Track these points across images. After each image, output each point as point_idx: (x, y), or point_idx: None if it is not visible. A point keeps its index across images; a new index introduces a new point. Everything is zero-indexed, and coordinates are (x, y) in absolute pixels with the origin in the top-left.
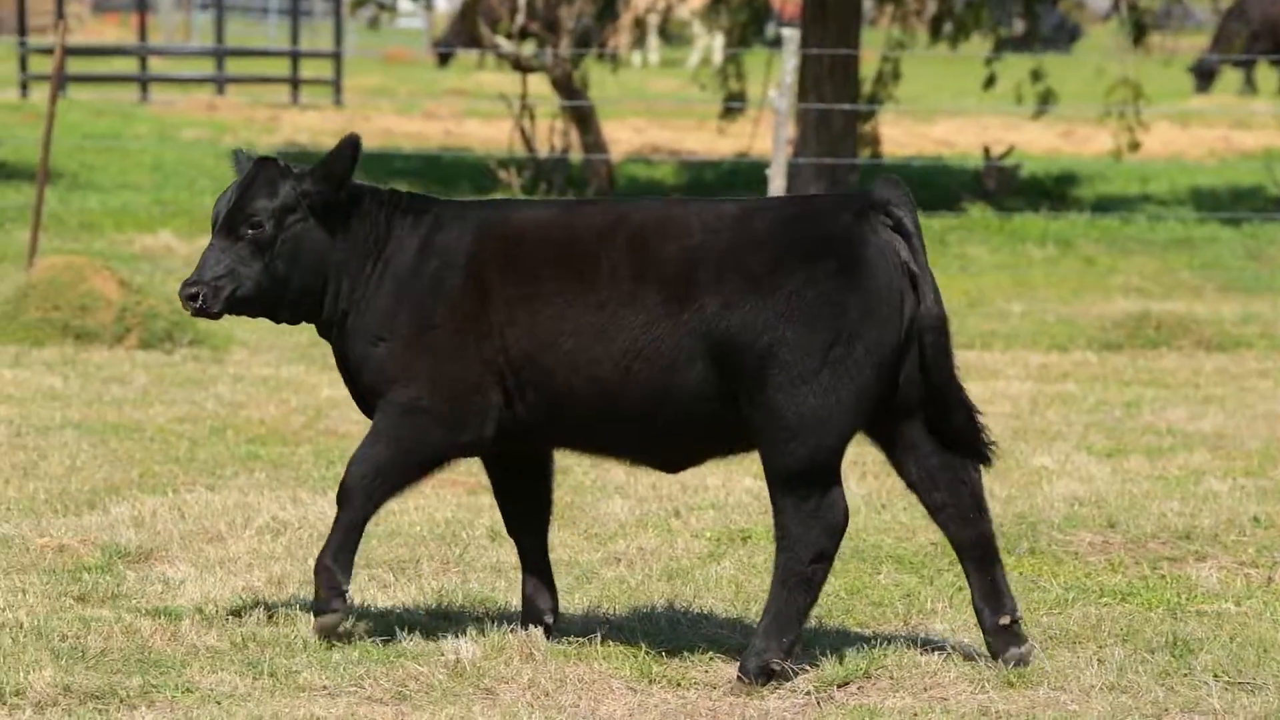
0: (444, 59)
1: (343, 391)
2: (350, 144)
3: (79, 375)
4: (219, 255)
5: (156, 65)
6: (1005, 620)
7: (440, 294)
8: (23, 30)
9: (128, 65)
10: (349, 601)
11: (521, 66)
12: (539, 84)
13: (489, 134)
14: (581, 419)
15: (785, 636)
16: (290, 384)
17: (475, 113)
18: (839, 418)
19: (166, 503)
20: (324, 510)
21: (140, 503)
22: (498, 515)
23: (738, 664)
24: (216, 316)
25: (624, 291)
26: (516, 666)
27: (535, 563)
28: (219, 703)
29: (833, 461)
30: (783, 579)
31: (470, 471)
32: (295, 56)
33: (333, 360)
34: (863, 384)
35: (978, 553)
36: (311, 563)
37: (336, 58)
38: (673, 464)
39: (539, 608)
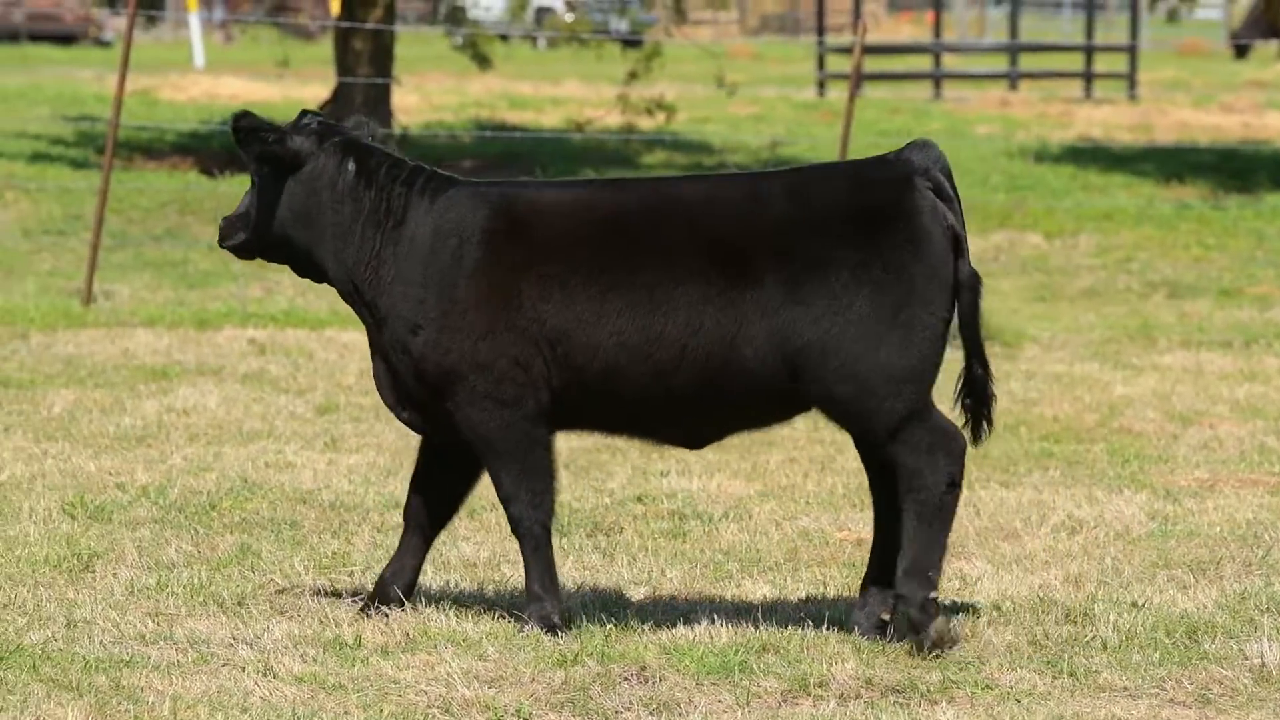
0: (1241, 50)
1: (1137, 389)
2: (233, 118)
3: None
4: (244, 199)
5: (950, 62)
6: (885, 615)
7: (465, 272)
8: (820, 30)
9: (921, 62)
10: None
11: None
12: None
13: None
14: (623, 397)
15: (931, 572)
16: (1084, 381)
17: (1276, 104)
18: (925, 366)
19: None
20: (1120, 509)
21: None
22: None
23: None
24: (241, 255)
25: (679, 268)
26: None
27: (411, 551)
28: (1019, 700)
29: (928, 401)
30: (919, 514)
31: (1273, 470)
32: (1089, 51)
33: (1113, 359)
34: (936, 335)
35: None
36: (1109, 561)
37: (1131, 51)
38: (701, 439)
39: (388, 594)
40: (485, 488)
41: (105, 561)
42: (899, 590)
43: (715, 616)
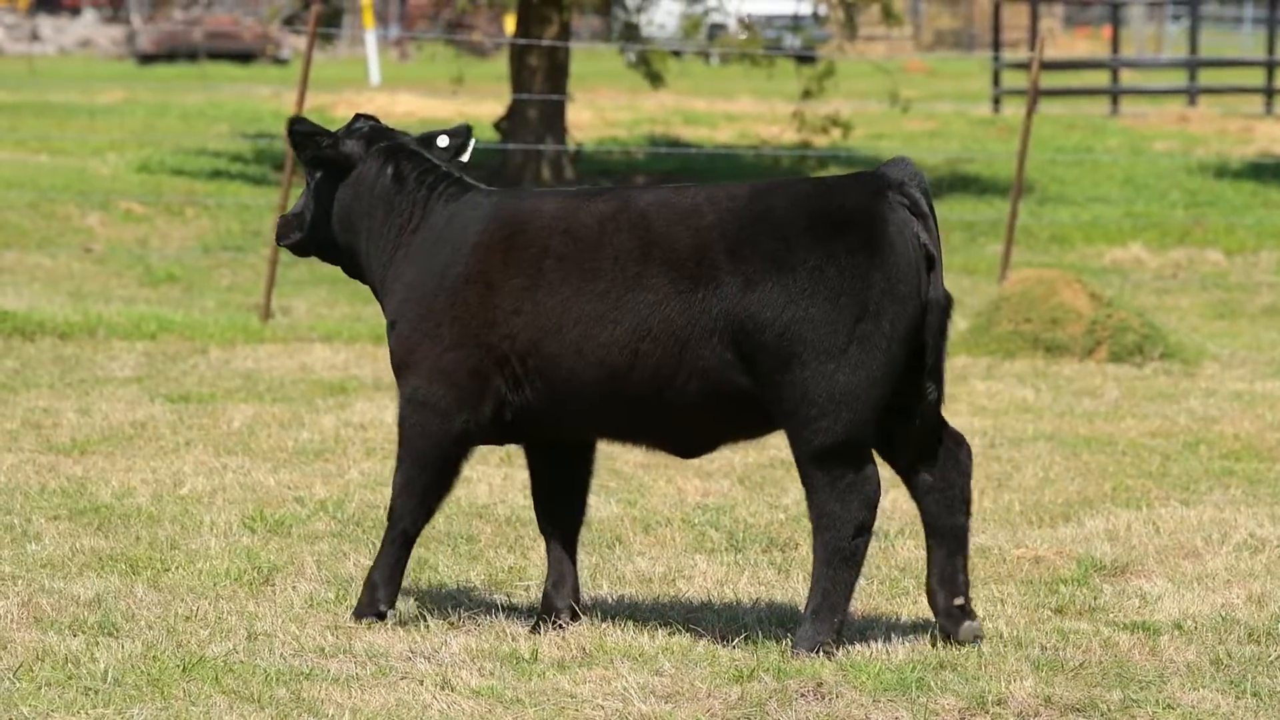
0: None
1: None
2: (288, 123)
3: (1050, 388)
4: (300, 199)
5: (1128, 78)
6: (959, 601)
7: (448, 281)
8: (996, 46)
9: (1098, 78)
10: (387, 619)
11: None
12: None
13: None
14: (591, 402)
15: (835, 616)
16: (1265, 399)
17: None
18: (870, 392)
19: (1140, 517)
20: None
21: (1114, 516)
22: None
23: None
24: (297, 253)
25: (631, 274)
26: None
27: (560, 558)
28: None
29: (865, 436)
30: (827, 558)
31: None
32: (1270, 66)
33: None
34: (890, 357)
35: (952, 541)
36: None
37: None
38: (688, 449)
39: (555, 604)
40: (660, 500)
41: (285, 575)
42: (803, 625)
43: (892, 633)
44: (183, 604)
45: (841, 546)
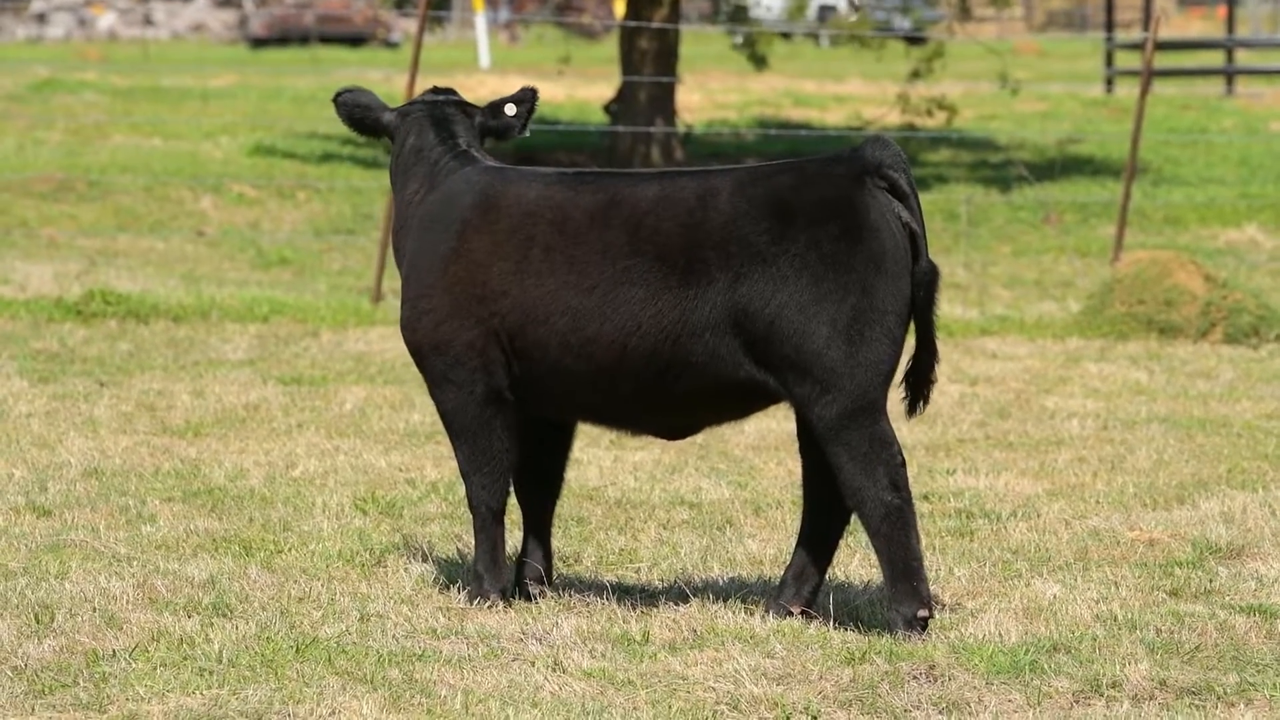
0: None
1: None
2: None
3: (1164, 369)
4: None
5: (1243, 58)
6: (797, 609)
7: (437, 258)
8: (1109, 26)
9: (1213, 58)
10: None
11: None
12: None
13: None
14: (583, 385)
15: (913, 582)
16: None
17: None
18: (869, 364)
19: (1256, 499)
20: None
21: (1230, 498)
22: None
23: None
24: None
25: (620, 266)
26: None
27: (537, 528)
28: None
29: (874, 405)
30: (875, 531)
31: None
32: None
33: None
34: (887, 329)
35: (824, 544)
36: None
37: None
38: (675, 431)
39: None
40: (771, 482)
41: (397, 557)
42: (890, 607)
43: (1004, 616)
44: (296, 585)
45: (883, 514)
